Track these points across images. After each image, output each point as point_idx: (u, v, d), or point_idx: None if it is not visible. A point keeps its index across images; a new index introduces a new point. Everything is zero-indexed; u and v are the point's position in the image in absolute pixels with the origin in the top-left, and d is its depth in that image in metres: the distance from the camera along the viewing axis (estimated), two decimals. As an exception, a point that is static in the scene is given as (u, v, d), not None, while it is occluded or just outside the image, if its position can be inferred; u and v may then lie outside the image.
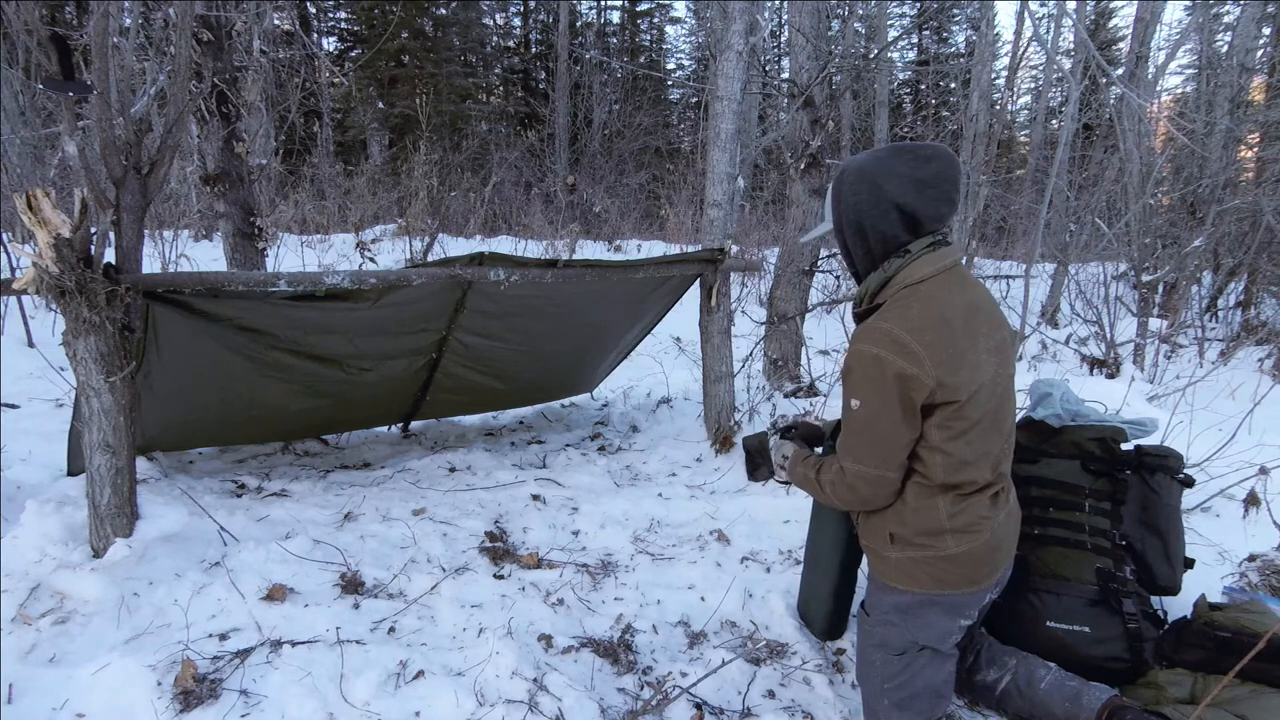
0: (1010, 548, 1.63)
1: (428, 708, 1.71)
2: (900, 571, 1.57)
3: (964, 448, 1.45)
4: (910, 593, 1.57)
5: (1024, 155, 16.57)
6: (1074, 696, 1.69)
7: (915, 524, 1.52)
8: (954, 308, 1.43)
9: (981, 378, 1.43)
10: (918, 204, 1.45)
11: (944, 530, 1.50)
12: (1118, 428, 2.03)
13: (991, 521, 1.52)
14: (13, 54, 6.42)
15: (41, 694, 1.64)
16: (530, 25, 21.12)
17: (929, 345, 1.37)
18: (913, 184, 1.44)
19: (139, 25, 4.15)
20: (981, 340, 1.45)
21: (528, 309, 3.10)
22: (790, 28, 3.75)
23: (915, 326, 1.39)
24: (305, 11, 17.10)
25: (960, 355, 1.40)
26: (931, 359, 1.37)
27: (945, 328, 1.40)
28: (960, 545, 1.50)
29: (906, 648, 1.59)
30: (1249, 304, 6.37)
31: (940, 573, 1.53)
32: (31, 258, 1.90)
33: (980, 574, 1.55)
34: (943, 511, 1.49)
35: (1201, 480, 2.72)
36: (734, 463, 3.35)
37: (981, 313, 1.48)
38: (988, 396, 1.45)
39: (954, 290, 1.46)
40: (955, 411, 1.42)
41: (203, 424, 3.01)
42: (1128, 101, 5.36)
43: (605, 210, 11.08)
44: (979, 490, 1.51)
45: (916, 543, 1.53)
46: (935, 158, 1.45)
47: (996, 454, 1.51)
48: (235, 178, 3.71)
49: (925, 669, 1.59)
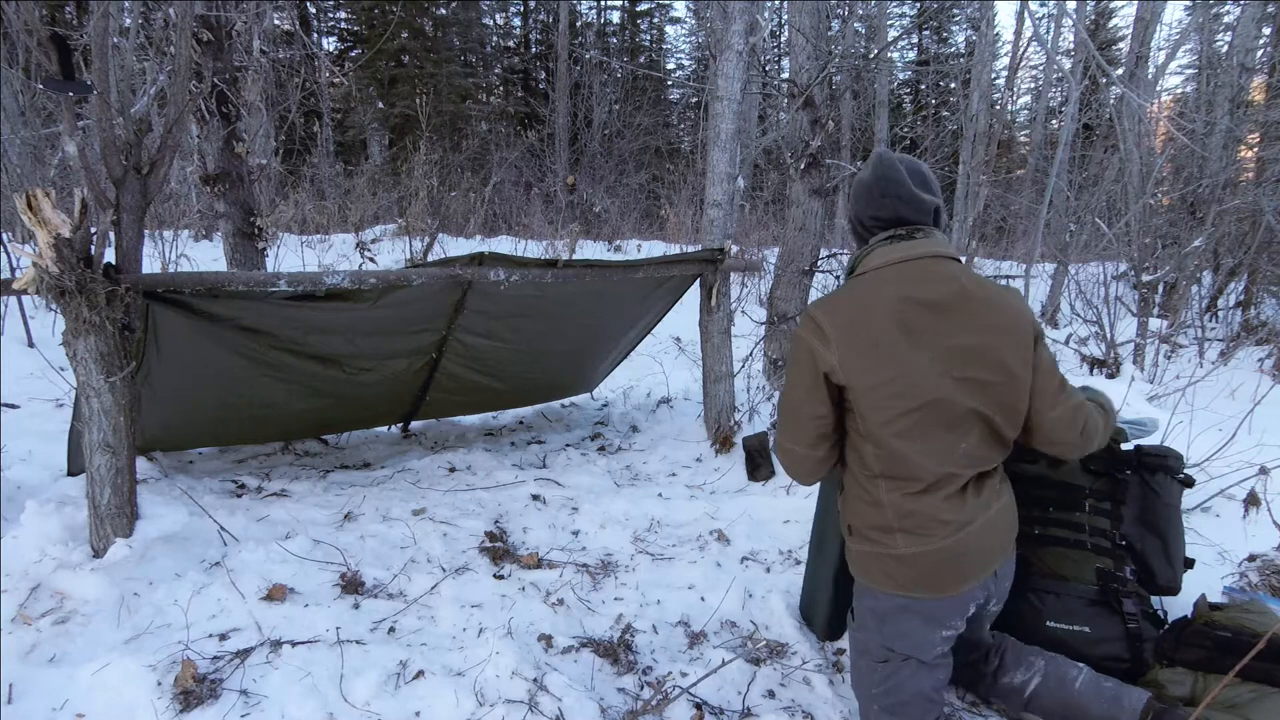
0: (990, 557, 1.55)
1: (428, 708, 1.71)
2: (858, 566, 1.61)
3: (893, 439, 1.44)
4: (879, 595, 1.56)
5: (1024, 155, 16.56)
6: (1113, 698, 1.64)
7: (866, 517, 1.55)
8: (884, 298, 1.46)
9: (909, 368, 1.42)
10: (857, 208, 1.62)
11: (893, 529, 1.50)
12: (1118, 428, 2.03)
13: (950, 527, 1.47)
14: (13, 54, 6.42)
15: (41, 694, 1.65)
16: (530, 25, 21.13)
17: (838, 326, 1.46)
18: (858, 190, 1.61)
19: (139, 25, 4.16)
20: (929, 335, 1.43)
21: (528, 309, 3.10)
22: (790, 28, 3.75)
23: (831, 309, 1.49)
24: (305, 11, 17.10)
25: (873, 344, 1.43)
26: (836, 342, 1.44)
27: (862, 313, 1.46)
28: (911, 546, 1.49)
29: (887, 656, 1.58)
30: (1249, 304, 6.36)
31: (892, 570, 1.52)
32: (31, 258, 1.90)
33: (941, 581, 1.50)
34: (889, 509, 1.50)
35: (1201, 480, 2.72)
36: (734, 463, 3.35)
37: (949, 309, 1.45)
38: (918, 393, 1.42)
39: (898, 285, 1.47)
40: (865, 397, 1.44)
41: (203, 424, 3.01)
42: (1128, 101, 5.36)
43: (605, 210, 11.08)
44: (928, 489, 1.47)
45: (869, 536, 1.55)
46: (876, 165, 1.58)
47: (950, 454, 1.46)
48: (235, 178, 3.71)
49: (911, 678, 1.57)
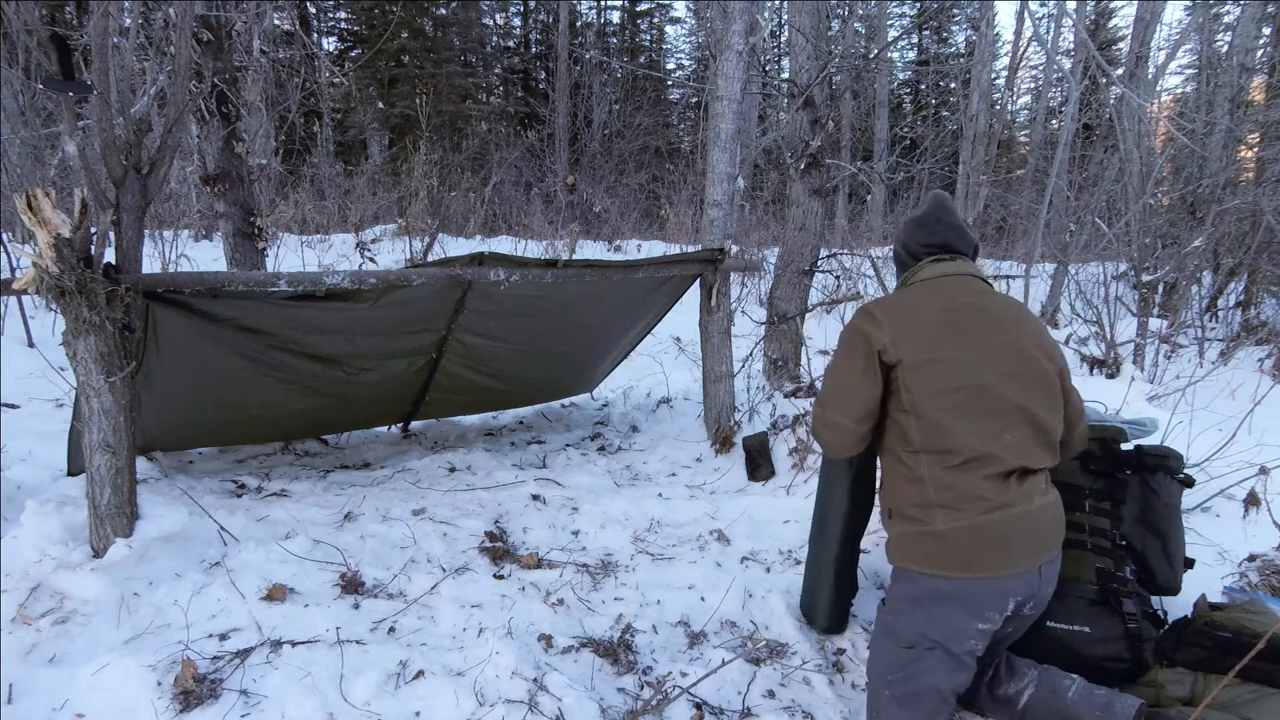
0: (1033, 547, 1.58)
1: (428, 708, 1.71)
2: (898, 548, 1.68)
3: (937, 413, 1.59)
4: (917, 578, 1.62)
5: (1024, 155, 16.55)
6: (1105, 706, 1.65)
7: (906, 495, 1.65)
8: (932, 300, 1.74)
9: (953, 355, 1.63)
10: (908, 236, 1.92)
11: (932, 503, 1.58)
12: (1118, 428, 2.03)
13: (988, 504, 1.54)
14: (13, 54, 6.42)
15: (41, 694, 1.64)
16: (530, 25, 21.12)
17: (890, 316, 1.70)
18: (913, 223, 1.93)
19: (139, 25, 4.15)
20: (973, 333, 1.67)
21: (528, 309, 3.10)
22: (790, 28, 3.75)
23: (883, 304, 1.77)
24: (305, 11, 17.09)
25: (923, 330, 1.67)
26: (889, 325, 1.68)
27: (910, 308, 1.73)
28: (949, 521, 1.55)
29: (915, 641, 1.60)
30: (1249, 304, 6.36)
31: (932, 550, 1.58)
32: (31, 258, 1.90)
33: (979, 560, 1.54)
34: (929, 483, 1.59)
35: (1201, 480, 2.72)
36: (734, 463, 3.35)
37: (990, 315, 1.71)
38: (964, 373, 1.61)
39: (945, 291, 1.76)
40: (912, 372, 1.62)
41: (203, 424, 3.01)
42: (1128, 101, 5.35)
43: (605, 210, 11.06)
44: (967, 462, 1.56)
45: (909, 515, 1.63)
46: (933, 202, 1.93)
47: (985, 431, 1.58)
48: (235, 178, 3.71)
49: (933, 669, 1.59)
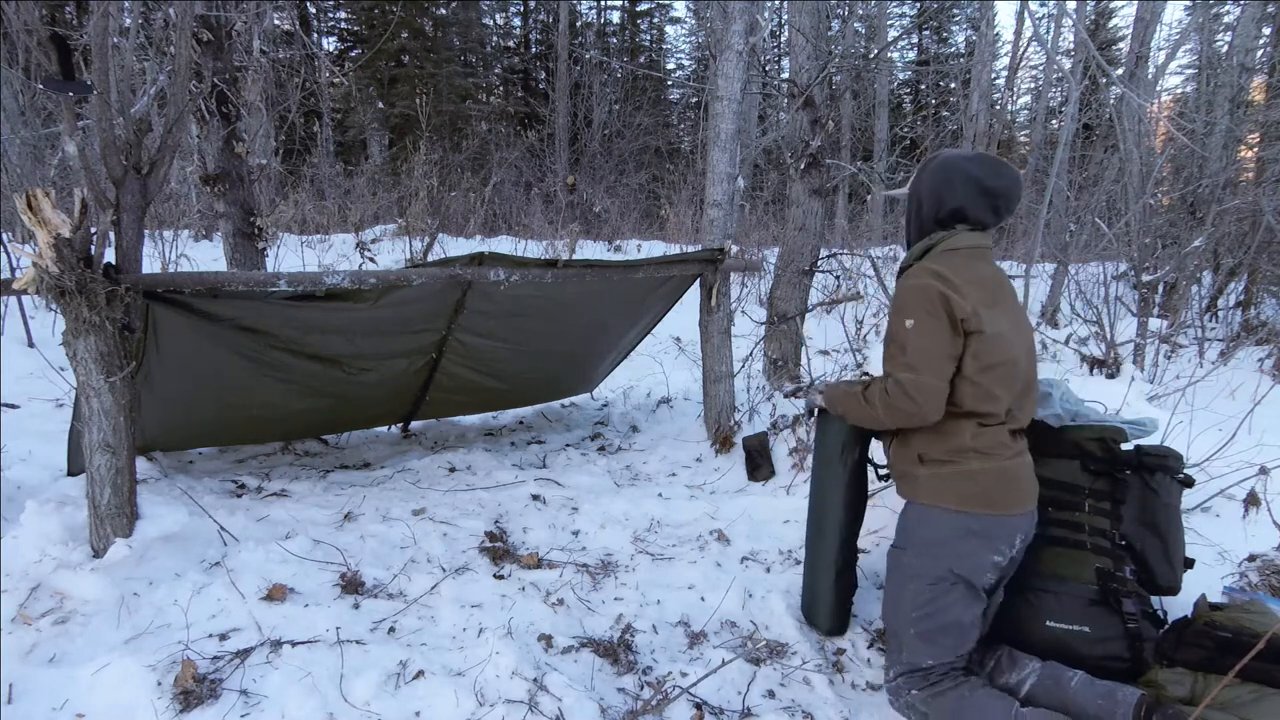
0: (1028, 491, 1.81)
1: (428, 708, 1.71)
2: (928, 489, 1.81)
3: (990, 380, 1.72)
4: (944, 517, 1.77)
5: (1024, 155, 16.54)
6: (1107, 694, 1.70)
7: (944, 444, 1.79)
8: (982, 270, 1.79)
9: (1002, 329, 1.73)
10: (970, 204, 1.81)
11: (968, 449, 1.76)
12: (1117, 428, 2.03)
13: (1010, 451, 1.77)
14: (13, 54, 6.42)
15: (41, 694, 1.64)
16: (530, 25, 21.11)
17: (964, 281, 1.72)
18: (977, 188, 1.79)
19: (139, 25, 4.15)
20: (1004, 304, 1.79)
21: (528, 309, 3.10)
22: (790, 28, 3.75)
23: (954, 268, 1.74)
24: (305, 11, 17.09)
25: (986, 300, 1.73)
26: (967, 291, 1.70)
27: (976, 276, 1.76)
28: (982, 464, 1.75)
29: (941, 577, 1.76)
30: (1249, 304, 6.36)
31: (962, 488, 1.76)
32: (31, 258, 1.90)
33: (998, 497, 1.75)
34: (967, 434, 1.76)
35: (1201, 480, 2.72)
36: (734, 463, 3.35)
37: (1005, 287, 1.84)
38: (1008, 347, 1.74)
39: (982, 262, 1.82)
40: (983, 343, 1.71)
41: (203, 424, 3.01)
42: (1128, 101, 5.35)
43: (605, 210, 11.06)
44: (1000, 422, 1.77)
45: (943, 459, 1.78)
46: (1006, 176, 1.80)
47: (1013, 398, 1.77)
48: (235, 178, 3.71)
49: (956, 603, 1.75)
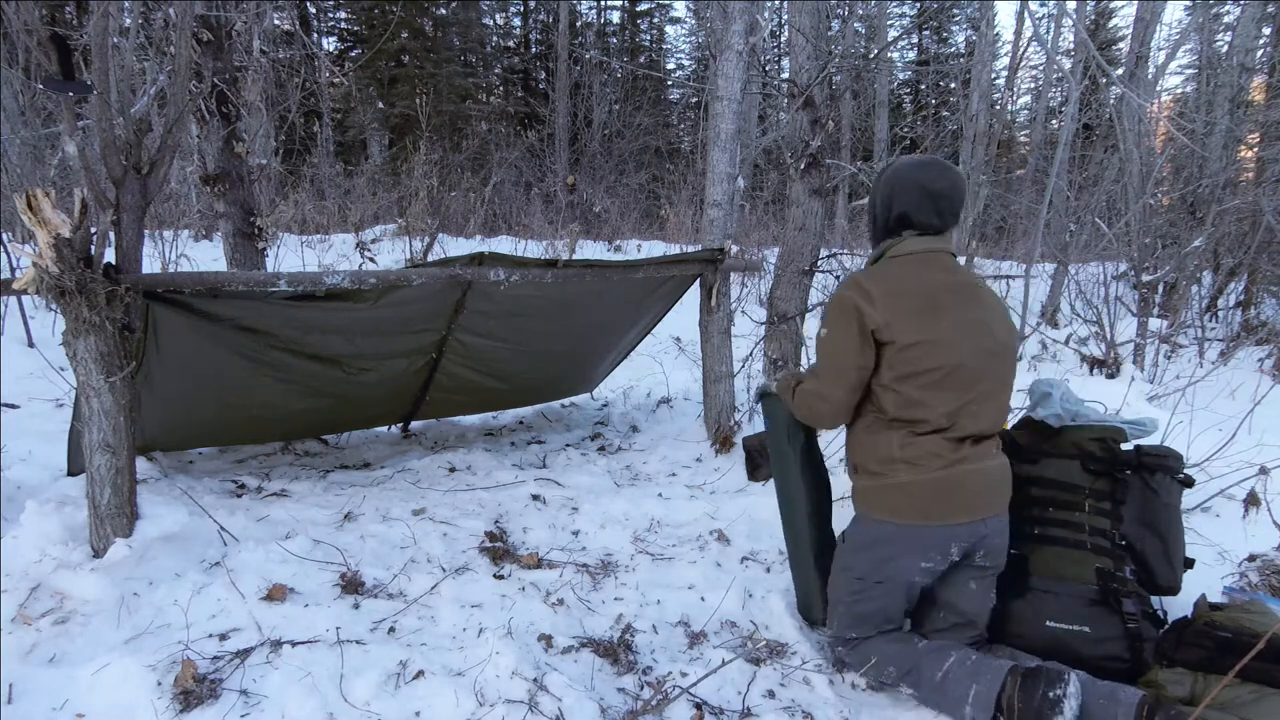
0: (980, 500, 1.77)
1: (428, 708, 1.70)
2: (862, 499, 1.87)
3: (914, 389, 1.72)
4: (872, 524, 1.83)
5: (1024, 155, 16.54)
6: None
7: (871, 453, 1.82)
8: (919, 277, 1.77)
9: (937, 335, 1.71)
10: (915, 209, 1.82)
11: (895, 460, 1.76)
12: (1118, 428, 2.03)
13: (944, 461, 1.73)
14: (13, 54, 6.41)
15: (41, 694, 1.64)
16: (530, 25, 21.11)
17: (883, 293, 1.73)
18: (921, 193, 1.81)
19: (139, 25, 4.15)
20: (951, 310, 1.74)
21: (528, 309, 3.10)
22: (790, 28, 3.75)
23: (876, 279, 1.77)
24: (305, 11, 17.09)
25: (912, 311, 1.72)
26: (881, 303, 1.72)
27: (899, 285, 1.76)
28: (911, 475, 1.75)
29: (867, 574, 1.85)
30: (1249, 304, 6.36)
31: (891, 499, 1.78)
32: (31, 258, 1.90)
33: (933, 508, 1.74)
34: (895, 444, 1.77)
35: (1201, 480, 2.72)
36: (734, 463, 3.35)
37: (963, 292, 1.78)
38: (943, 354, 1.71)
39: (929, 268, 1.79)
40: (900, 352, 1.71)
41: (203, 424, 3.01)
42: (1128, 101, 5.35)
43: (605, 210, 11.05)
44: (934, 430, 1.74)
45: (873, 470, 1.81)
46: (947, 179, 1.81)
47: (955, 405, 1.73)
48: (235, 178, 3.71)
49: (881, 597, 1.85)
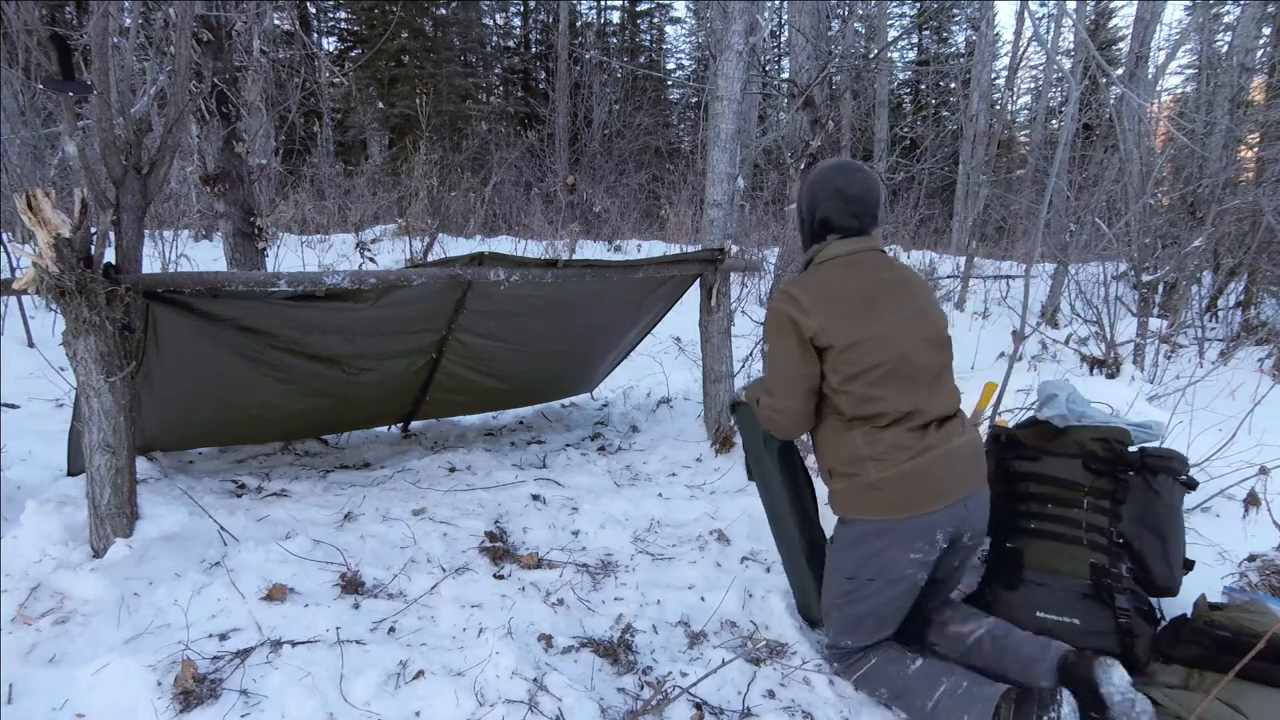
0: (957, 482, 1.75)
1: (428, 708, 1.70)
2: (839, 502, 1.86)
3: (863, 387, 1.73)
4: (855, 524, 1.81)
5: (1024, 155, 16.55)
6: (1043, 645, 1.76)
7: (839, 454, 1.81)
8: (848, 279, 1.80)
9: (875, 331, 1.73)
10: (834, 212, 1.86)
11: (864, 458, 1.75)
12: (1122, 429, 2.03)
13: (911, 452, 1.72)
14: (13, 54, 6.41)
15: (41, 694, 1.64)
16: (530, 25, 21.11)
17: (814, 299, 1.75)
18: (838, 197, 1.85)
19: (139, 25, 4.15)
20: (886, 305, 1.77)
21: (528, 309, 3.10)
22: (790, 28, 3.75)
23: (806, 286, 1.79)
24: (305, 11, 17.09)
25: (845, 313, 1.74)
26: (814, 310, 1.74)
27: (831, 289, 1.78)
28: (880, 472, 1.73)
29: (855, 574, 1.82)
30: (1249, 304, 6.36)
31: (867, 498, 1.76)
32: (31, 258, 1.90)
33: (908, 500, 1.72)
34: (860, 442, 1.76)
35: (1201, 480, 2.71)
36: (734, 463, 3.35)
37: (896, 286, 1.82)
38: (884, 348, 1.73)
39: (857, 269, 1.82)
40: (840, 355, 1.73)
41: (203, 424, 3.01)
42: (1128, 101, 5.35)
43: (605, 210, 11.05)
44: (893, 423, 1.74)
45: (844, 472, 1.80)
46: (860, 181, 1.84)
47: (912, 393, 1.74)
48: (235, 178, 3.71)
49: (871, 597, 1.81)
